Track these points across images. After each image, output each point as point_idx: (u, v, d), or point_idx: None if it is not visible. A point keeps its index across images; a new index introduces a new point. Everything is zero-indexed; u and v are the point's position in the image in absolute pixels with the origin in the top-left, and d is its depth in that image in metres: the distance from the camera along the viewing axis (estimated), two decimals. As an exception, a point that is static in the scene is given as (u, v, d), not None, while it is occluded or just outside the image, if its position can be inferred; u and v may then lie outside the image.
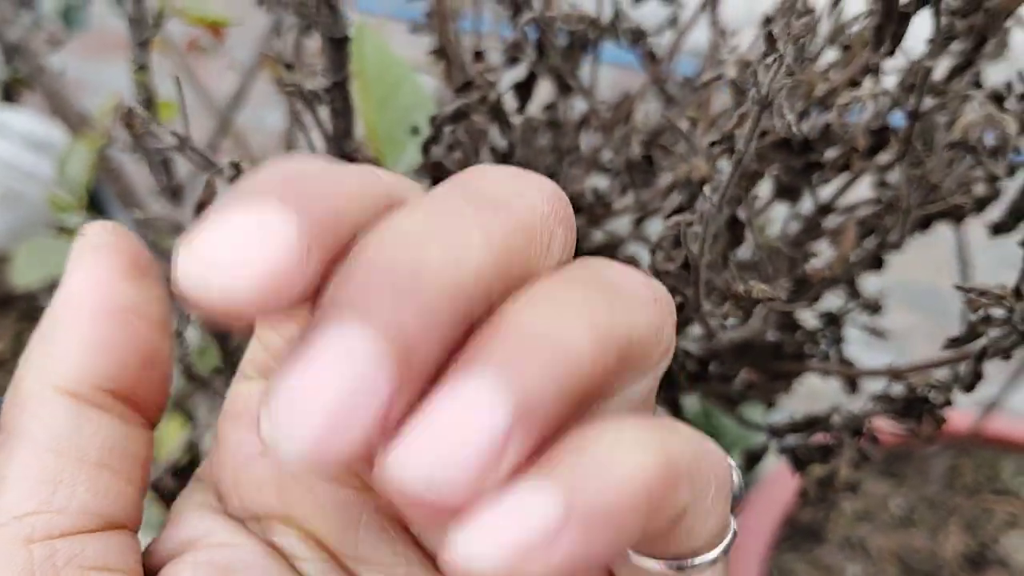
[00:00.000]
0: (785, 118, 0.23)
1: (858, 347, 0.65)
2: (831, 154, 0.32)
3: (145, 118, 0.26)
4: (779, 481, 0.72)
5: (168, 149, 0.26)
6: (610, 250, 0.40)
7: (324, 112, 0.31)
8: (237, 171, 0.26)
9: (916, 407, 0.32)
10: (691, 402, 0.46)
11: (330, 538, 0.23)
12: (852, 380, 0.38)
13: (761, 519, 0.72)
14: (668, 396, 0.39)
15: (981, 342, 0.28)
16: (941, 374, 0.33)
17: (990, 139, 0.30)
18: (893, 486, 0.73)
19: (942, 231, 0.42)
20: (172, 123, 0.63)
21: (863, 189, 0.38)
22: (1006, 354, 0.28)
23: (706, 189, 0.27)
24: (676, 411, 0.40)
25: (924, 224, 0.37)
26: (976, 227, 0.39)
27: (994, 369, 0.62)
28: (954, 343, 0.28)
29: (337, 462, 0.15)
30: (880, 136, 0.29)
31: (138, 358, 0.22)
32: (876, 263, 0.38)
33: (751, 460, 0.37)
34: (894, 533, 0.71)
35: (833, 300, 0.41)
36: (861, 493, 0.72)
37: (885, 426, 0.36)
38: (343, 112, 0.31)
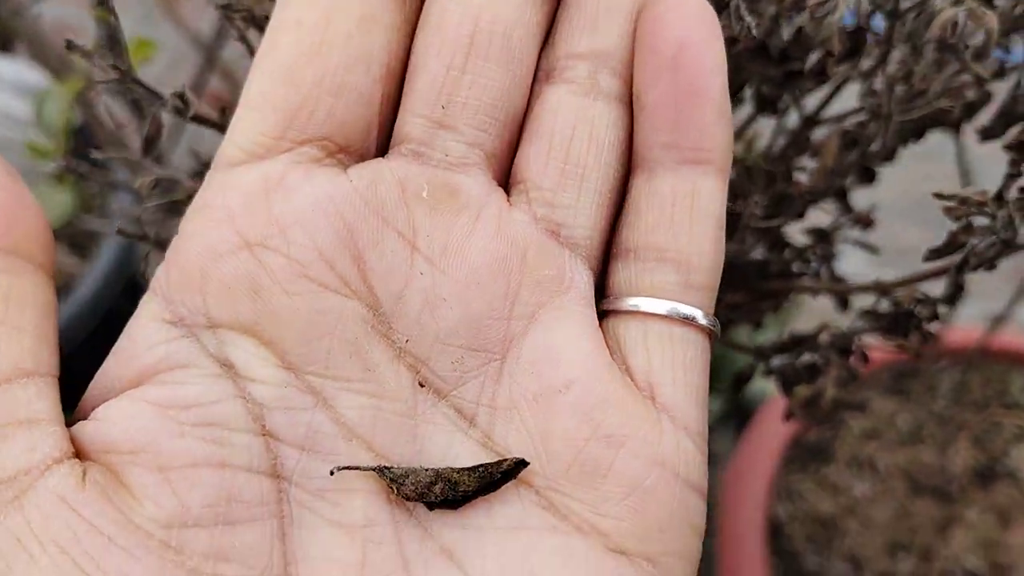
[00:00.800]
0: (744, 20, 0.22)
1: (862, 264, 0.64)
2: (810, 61, 0.30)
3: (84, 50, 0.25)
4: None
5: (110, 83, 0.25)
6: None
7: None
8: (184, 103, 0.25)
9: (903, 322, 0.32)
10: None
11: (297, 349, 0.23)
12: (842, 297, 0.37)
13: (768, 439, 0.72)
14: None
15: (963, 252, 0.27)
16: (930, 288, 0.32)
17: (976, 40, 0.29)
18: (900, 403, 0.73)
19: (947, 143, 0.40)
20: (151, 62, 0.62)
21: (850, 99, 0.37)
22: (990, 264, 0.27)
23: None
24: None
25: (917, 133, 0.35)
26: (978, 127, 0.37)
27: (1002, 282, 0.60)
28: (935, 254, 0.27)
29: None
30: (857, 38, 0.28)
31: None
32: (867, 175, 0.36)
33: (739, 382, 0.37)
34: (902, 450, 0.71)
35: (824, 217, 0.39)
36: (868, 411, 0.72)
37: (875, 343, 0.35)
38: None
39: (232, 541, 0.21)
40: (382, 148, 0.25)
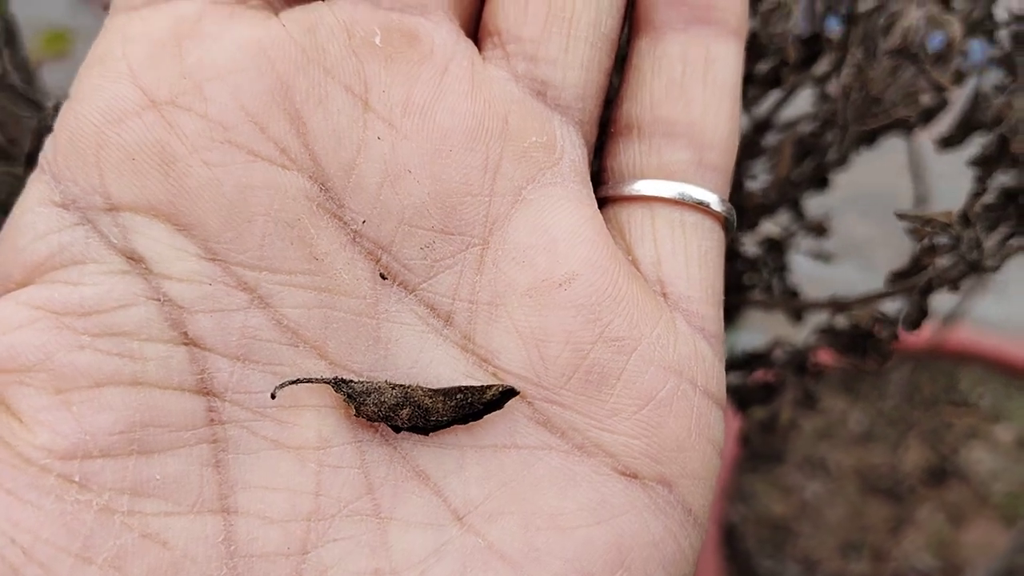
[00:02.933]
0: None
1: (814, 262, 0.63)
2: (762, 67, 0.28)
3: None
4: (738, 402, 0.70)
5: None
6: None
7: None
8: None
9: (861, 342, 0.30)
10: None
11: (222, 235, 0.18)
12: (797, 311, 0.35)
13: (720, 442, 0.70)
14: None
15: (927, 274, 0.25)
16: (888, 306, 0.31)
17: (935, 43, 0.27)
18: (852, 402, 0.72)
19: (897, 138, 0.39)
20: (66, 55, 0.58)
21: (803, 103, 0.35)
22: (954, 285, 0.25)
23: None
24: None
25: (869, 139, 0.34)
26: (934, 132, 0.36)
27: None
28: (899, 277, 0.25)
29: None
30: (812, 45, 0.26)
31: None
32: (820, 183, 0.35)
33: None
34: (854, 449, 0.70)
35: (776, 224, 0.38)
36: (820, 410, 0.71)
37: (830, 359, 0.33)
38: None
39: (152, 473, 0.17)
40: None
